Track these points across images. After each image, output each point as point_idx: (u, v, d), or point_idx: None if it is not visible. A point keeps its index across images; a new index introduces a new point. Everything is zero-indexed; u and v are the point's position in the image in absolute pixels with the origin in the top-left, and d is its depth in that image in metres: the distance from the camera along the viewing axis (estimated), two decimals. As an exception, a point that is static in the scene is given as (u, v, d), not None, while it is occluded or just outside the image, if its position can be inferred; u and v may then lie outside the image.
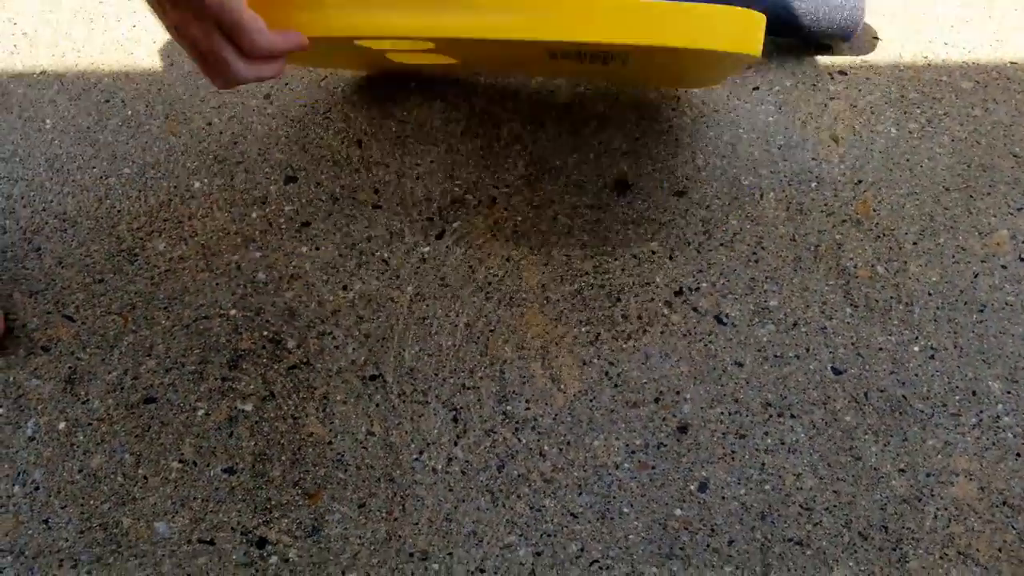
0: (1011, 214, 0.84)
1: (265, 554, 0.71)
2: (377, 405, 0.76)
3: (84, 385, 0.79)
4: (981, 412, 0.73)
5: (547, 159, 0.90)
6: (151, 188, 0.90)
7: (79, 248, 0.87)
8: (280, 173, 0.91)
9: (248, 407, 0.77)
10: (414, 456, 0.74)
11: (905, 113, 0.90)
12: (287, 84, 0.97)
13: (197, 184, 0.91)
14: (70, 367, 0.80)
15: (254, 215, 0.88)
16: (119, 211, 0.89)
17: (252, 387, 0.78)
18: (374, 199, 0.88)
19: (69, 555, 0.72)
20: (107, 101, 0.96)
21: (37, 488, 0.75)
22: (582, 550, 0.70)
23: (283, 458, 0.74)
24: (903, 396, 0.75)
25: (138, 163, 0.92)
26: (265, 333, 0.81)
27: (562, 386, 0.77)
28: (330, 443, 0.75)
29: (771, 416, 0.74)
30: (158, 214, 0.89)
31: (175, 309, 0.82)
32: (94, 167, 0.92)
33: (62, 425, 0.78)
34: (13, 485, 0.75)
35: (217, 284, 0.84)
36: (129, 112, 0.95)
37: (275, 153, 0.92)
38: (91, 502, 0.74)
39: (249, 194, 0.89)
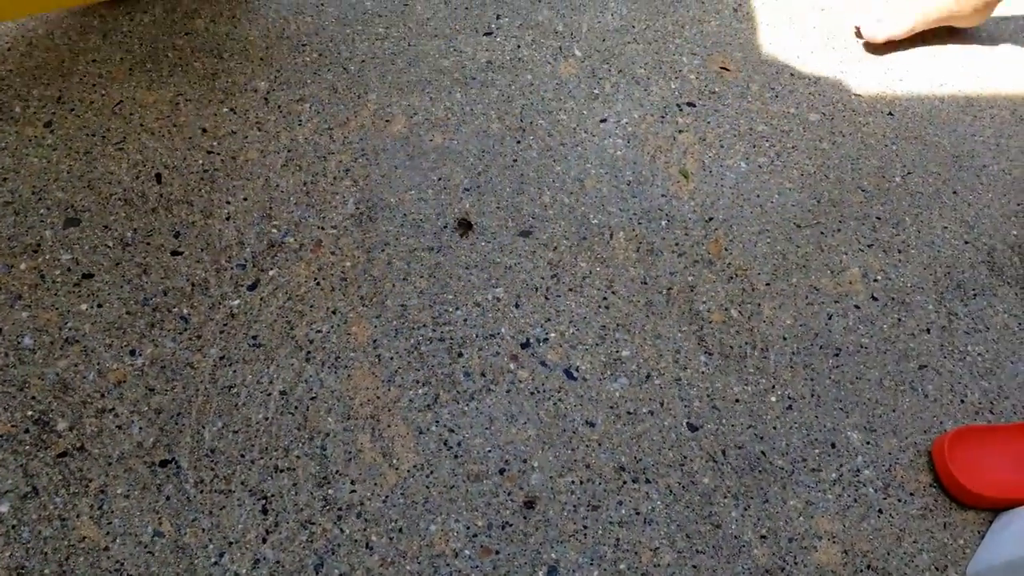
0: (862, 250, 0.82)
1: None
2: (168, 498, 0.63)
3: None
4: (841, 466, 0.69)
5: (381, 196, 0.81)
6: None
7: None
8: (59, 215, 0.76)
9: (3, 508, 0.62)
10: (212, 559, 0.61)
11: (754, 147, 0.87)
12: (72, 110, 0.83)
13: (-45, 229, 0.75)
14: None
15: (23, 266, 0.73)
16: None
17: (10, 482, 0.63)
18: (174, 244, 0.75)
19: None
20: None
21: None
22: (416, 656, 0.60)
23: (46, 571, 0.60)
24: (762, 452, 0.70)
25: None
26: (29, 413, 0.66)
27: (394, 461, 0.67)
28: (106, 549, 0.61)
29: (625, 482, 0.67)
30: (-100, 267, 0.72)
31: (-91, 388, 0.66)
32: None
33: None
34: None
35: (-32, 354, 0.68)
36: None
37: (54, 191, 0.77)
38: None
39: (18, 241, 0.74)
